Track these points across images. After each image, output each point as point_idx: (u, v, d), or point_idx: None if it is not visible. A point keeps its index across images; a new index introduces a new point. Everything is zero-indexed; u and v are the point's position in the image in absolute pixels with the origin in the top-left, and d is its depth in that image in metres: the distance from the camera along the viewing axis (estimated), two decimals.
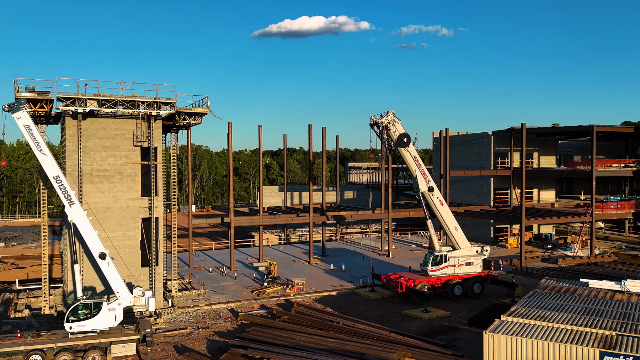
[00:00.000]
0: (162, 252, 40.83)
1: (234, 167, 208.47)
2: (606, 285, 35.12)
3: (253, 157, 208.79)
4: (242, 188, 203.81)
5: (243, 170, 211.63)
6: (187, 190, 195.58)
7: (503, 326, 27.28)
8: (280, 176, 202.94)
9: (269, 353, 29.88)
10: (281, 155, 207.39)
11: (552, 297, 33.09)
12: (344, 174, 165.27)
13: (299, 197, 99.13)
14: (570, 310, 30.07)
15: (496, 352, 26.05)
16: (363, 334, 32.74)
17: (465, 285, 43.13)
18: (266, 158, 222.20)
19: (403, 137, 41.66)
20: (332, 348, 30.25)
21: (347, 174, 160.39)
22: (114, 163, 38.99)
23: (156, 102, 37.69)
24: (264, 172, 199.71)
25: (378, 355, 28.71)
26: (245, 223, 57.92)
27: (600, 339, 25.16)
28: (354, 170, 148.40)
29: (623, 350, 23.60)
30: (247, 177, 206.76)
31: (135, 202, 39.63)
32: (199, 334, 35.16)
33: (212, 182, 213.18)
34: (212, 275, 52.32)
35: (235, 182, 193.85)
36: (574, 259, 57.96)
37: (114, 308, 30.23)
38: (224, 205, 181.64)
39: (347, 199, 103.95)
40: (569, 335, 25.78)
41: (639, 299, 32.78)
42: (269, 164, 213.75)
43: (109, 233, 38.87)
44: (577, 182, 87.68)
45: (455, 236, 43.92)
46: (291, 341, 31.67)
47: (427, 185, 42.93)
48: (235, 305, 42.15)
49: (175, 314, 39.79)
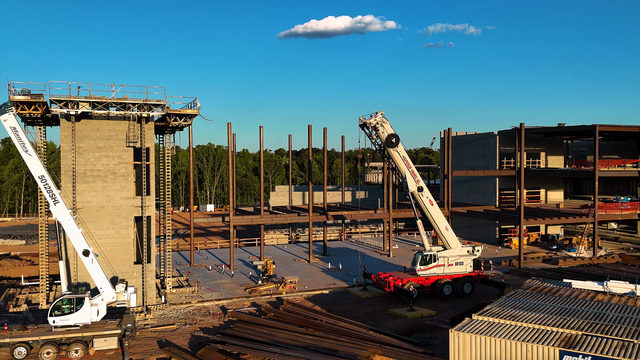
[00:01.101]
0: (154, 250, 41.87)
1: (253, 167, 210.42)
2: (589, 286, 35.01)
3: (275, 157, 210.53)
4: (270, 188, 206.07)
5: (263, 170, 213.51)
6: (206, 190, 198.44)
7: (471, 325, 27.53)
8: (299, 176, 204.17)
9: (245, 349, 30.63)
10: (301, 155, 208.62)
11: (530, 297, 33.15)
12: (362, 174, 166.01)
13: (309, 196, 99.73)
14: (545, 310, 30.14)
15: (461, 350, 26.34)
16: (341, 332, 33.24)
17: (456, 285, 43.26)
18: (285, 158, 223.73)
19: (391, 138, 41.99)
20: (308, 345, 30.84)
21: (365, 173, 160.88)
22: (107, 163, 40.16)
23: (146, 103, 38.71)
24: (283, 172, 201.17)
25: (350, 352, 29.21)
26: (245, 222, 58.82)
27: (564, 338, 25.27)
28: (372, 170, 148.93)
29: (583, 350, 23.70)
30: (267, 176, 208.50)
31: (128, 201, 40.74)
32: (185, 330, 36.07)
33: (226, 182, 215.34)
34: (210, 273, 53.32)
35: (254, 182, 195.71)
36: (575, 259, 57.46)
37: (97, 303, 31.27)
38: (244, 204, 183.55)
39: (358, 199, 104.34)
40: (534, 334, 25.93)
41: (620, 300, 32.68)
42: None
43: (103, 231, 40.12)
44: (590, 182, 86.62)
45: (446, 236, 44.07)
46: (270, 338, 32.35)
47: (417, 185, 43.18)
48: (226, 303, 42.99)
49: (167, 310, 40.79)
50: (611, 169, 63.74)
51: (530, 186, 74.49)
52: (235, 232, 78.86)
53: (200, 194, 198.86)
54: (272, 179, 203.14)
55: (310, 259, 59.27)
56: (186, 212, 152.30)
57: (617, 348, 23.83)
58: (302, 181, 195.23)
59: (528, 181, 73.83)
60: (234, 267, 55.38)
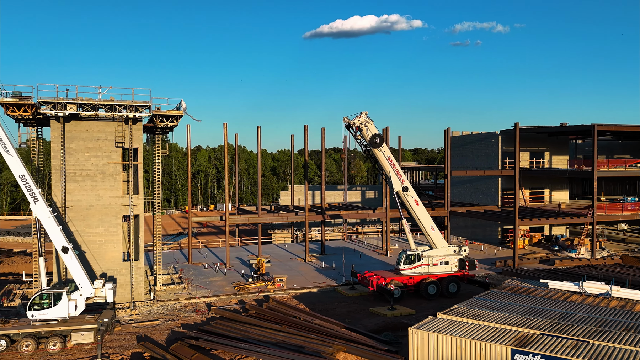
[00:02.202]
0: (142, 248, 42.89)
1: (272, 167, 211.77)
2: (565, 287, 34.88)
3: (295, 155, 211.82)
4: (279, 187, 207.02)
5: (280, 170, 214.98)
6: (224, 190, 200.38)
7: (431, 323, 27.83)
8: (317, 175, 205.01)
9: (216, 344, 31.37)
10: (318, 155, 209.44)
11: (503, 297, 33.24)
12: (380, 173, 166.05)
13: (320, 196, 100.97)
14: (512, 309, 30.24)
15: (419, 347, 26.68)
16: (314, 329, 33.74)
17: (441, 284, 43.40)
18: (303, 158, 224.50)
19: (375, 138, 42.31)
20: (278, 341, 31.44)
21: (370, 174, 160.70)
22: (96, 163, 41.31)
23: (132, 105, 39.73)
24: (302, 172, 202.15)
25: (316, 348, 29.72)
26: (240, 221, 59.69)
27: (520, 337, 25.42)
28: None
29: (534, 349, 23.84)
30: (285, 176, 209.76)
31: (117, 200, 41.83)
32: (167, 326, 36.97)
33: (251, 181, 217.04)
34: (205, 271, 54.27)
35: (273, 181, 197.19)
36: (572, 260, 56.95)
37: (75, 298, 32.33)
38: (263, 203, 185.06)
39: (368, 199, 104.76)
40: (491, 333, 26.12)
41: (594, 300, 32.56)
42: (307, 163, 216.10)
43: (92, 229, 41.29)
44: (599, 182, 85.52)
45: (432, 236, 44.23)
46: (244, 334, 33.03)
47: (402, 185, 43.43)
48: (214, 300, 43.83)
49: (154, 306, 41.79)
50: (612, 169, 62.89)
51: (534, 186, 73.89)
52: (238, 231, 79.99)
53: (219, 193, 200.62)
54: (290, 179, 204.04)
55: (306, 258, 59.85)
56: (203, 211, 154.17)
57: (569, 347, 23.92)
58: (319, 180, 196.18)
59: (531, 181, 73.32)
60: (229, 266, 56.24)
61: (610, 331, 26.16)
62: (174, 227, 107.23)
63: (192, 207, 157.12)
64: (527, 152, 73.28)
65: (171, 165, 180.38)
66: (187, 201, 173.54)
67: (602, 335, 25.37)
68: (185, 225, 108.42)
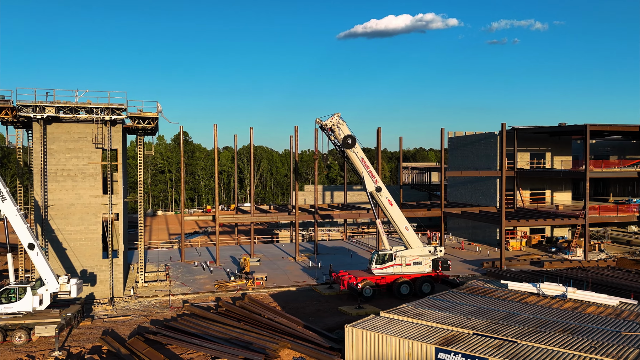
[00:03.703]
0: (122, 245, 44.32)
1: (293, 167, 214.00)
2: (524, 288, 34.81)
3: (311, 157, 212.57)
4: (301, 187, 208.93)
5: (302, 170, 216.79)
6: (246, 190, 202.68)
7: (368, 321, 28.35)
8: (340, 176, 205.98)
9: (171, 339, 32.41)
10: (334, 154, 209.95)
11: (456, 297, 33.44)
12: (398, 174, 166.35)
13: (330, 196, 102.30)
14: (458, 310, 30.43)
15: (354, 344, 27.20)
16: (273, 327, 34.48)
17: (414, 284, 43.62)
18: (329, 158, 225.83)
19: (347, 139, 42.80)
20: (231, 337, 32.29)
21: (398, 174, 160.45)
22: (77, 163, 42.90)
23: (108, 107, 41.15)
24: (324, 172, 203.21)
25: (263, 345, 30.48)
26: (230, 220, 60.85)
27: (449, 336, 25.70)
28: (405, 170, 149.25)
29: (456, 348, 24.11)
30: (307, 176, 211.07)
31: (97, 200, 43.34)
32: (136, 321, 38.20)
33: (273, 181, 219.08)
34: (194, 269, 55.52)
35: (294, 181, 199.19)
36: (562, 262, 56.26)
37: (40, 293, 33.82)
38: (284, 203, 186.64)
39: None
40: (423, 331, 26.46)
41: (550, 301, 32.46)
42: (330, 163, 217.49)
43: (73, 227, 42.90)
44: (610, 183, 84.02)
45: (406, 236, 44.46)
46: (203, 330, 33.99)
47: (375, 185, 43.81)
48: (191, 297, 44.96)
49: (132, 302, 43.14)
50: (605, 170, 61.78)
51: (535, 187, 73.07)
52: (237, 230, 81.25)
53: (241, 193, 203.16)
54: (312, 179, 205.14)
55: (296, 257, 60.62)
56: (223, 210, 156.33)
57: (492, 347, 24.11)
58: (342, 181, 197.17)
59: (532, 182, 72.53)
60: (219, 264, 57.37)
61: (544, 332, 26.22)
62: (191, 226, 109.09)
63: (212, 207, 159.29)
64: (527, 153, 72.54)
65: (194, 166, 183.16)
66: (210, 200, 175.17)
67: (532, 336, 25.45)
68: (203, 224, 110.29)
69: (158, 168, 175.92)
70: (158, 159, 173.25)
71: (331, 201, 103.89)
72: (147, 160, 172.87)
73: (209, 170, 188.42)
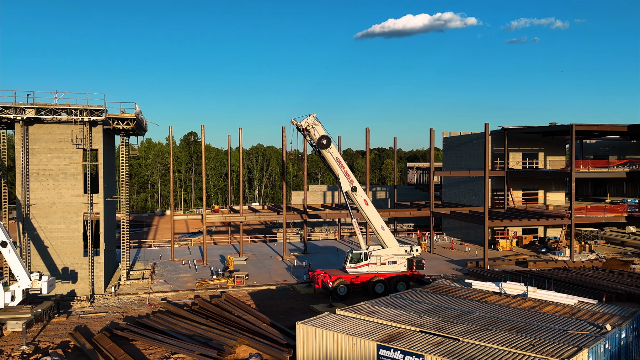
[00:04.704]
0: (102, 244, 45.28)
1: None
2: (487, 287, 35.04)
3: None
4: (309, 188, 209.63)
5: (312, 170, 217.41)
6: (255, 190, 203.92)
7: (321, 319, 28.89)
8: None
9: (137, 335, 33.22)
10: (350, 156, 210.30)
11: (418, 295, 33.80)
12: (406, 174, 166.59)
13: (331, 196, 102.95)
14: (414, 308, 30.80)
15: (305, 341, 27.72)
16: (238, 324, 35.14)
17: (389, 283, 43.97)
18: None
19: (322, 139, 43.28)
20: (194, 334, 33.03)
21: (406, 174, 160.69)
22: (58, 163, 43.96)
23: (87, 109, 42.11)
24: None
25: (222, 341, 31.17)
26: (218, 220, 61.62)
27: (393, 333, 26.12)
28: (411, 170, 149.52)
29: (396, 345, 24.52)
30: (316, 176, 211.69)
31: (78, 199, 44.36)
32: (111, 317, 39.10)
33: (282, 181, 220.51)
34: (181, 268, 56.39)
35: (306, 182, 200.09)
36: (547, 263, 56.15)
37: (13, 289, 34.83)
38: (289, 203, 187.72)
39: (379, 199, 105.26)
40: (370, 328, 26.90)
41: (510, 301, 32.67)
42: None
43: (54, 225, 43.97)
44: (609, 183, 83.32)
45: (382, 235, 44.82)
46: (170, 327, 34.76)
47: (351, 185, 44.24)
48: (171, 295, 45.79)
49: (111, 299, 44.08)
50: (592, 170, 61.40)
51: (527, 188, 72.85)
52: (230, 230, 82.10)
53: (250, 193, 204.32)
54: (322, 179, 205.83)
55: (284, 257, 61.23)
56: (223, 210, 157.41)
57: (431, 344, 24.49)
58: None
59: (524, 182, 72.34)
60: (206, 263, 58.15)
61: (491, 330, 26.54)
62: (196, 225, 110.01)
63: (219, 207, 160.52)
64: (519, 153, 72.39)
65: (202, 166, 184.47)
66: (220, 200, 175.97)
67: (477, 334, 25.78)
68: (209, 224, 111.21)
69: (167, 168, 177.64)
70: (167, 159, 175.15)
71: (332, 201, 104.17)
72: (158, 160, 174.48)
73: (218, 170, 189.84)
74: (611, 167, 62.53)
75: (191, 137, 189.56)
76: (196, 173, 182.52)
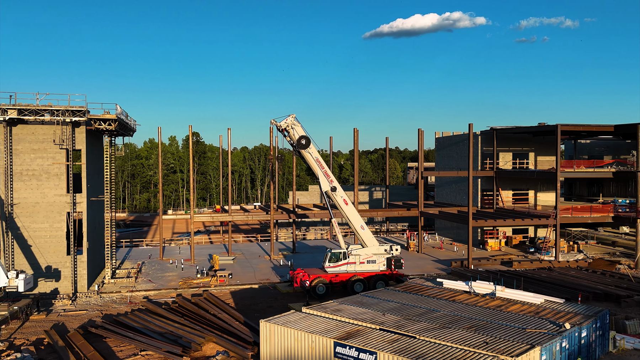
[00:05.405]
0: (85, 242, 45.87)
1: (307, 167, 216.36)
2: (457, 286, 35.30)
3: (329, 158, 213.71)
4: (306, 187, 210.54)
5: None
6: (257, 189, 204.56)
7: (285, 317, 29.27)
8: (352, 176, 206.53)
9: (109, 332, 33.74)
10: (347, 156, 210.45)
11: (387, 294, 34.12)
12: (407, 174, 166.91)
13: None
14: (381, 306, 31.12)
15: (268, 338, 28.12)
16: (211, 322, 35.60)
17: (369, 282, 44.27)
18: (341, 158, 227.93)
19: (302, 140, 43.69)
20: (166, 332, 33.49)
21: (407, 173, 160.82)
22: (42, 164, 44.58)
23: (68, 109, 42.71)
24: (336, 172, 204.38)
25: (191, 338, 31.64)
26: (206, 219, 62.13)
27: (352, 331, 26.47)
28: (411, 170, 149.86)
29: (351, 342, 24.87)
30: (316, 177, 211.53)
31: (61, 198, 44.96)
32: (90, 315, 39.65)
33: (285, 181, 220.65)
34: (169, 266, 56.92)
35: (307, 181, 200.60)
36: (532, 263, 56.23)
37: None
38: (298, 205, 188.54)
39: (375, 199, 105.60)
40: (331, 326, 27.27)
41: (477, 300, 32.93)
42: (343, 164, 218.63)
43: (38, 224, 44.61)
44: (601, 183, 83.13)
45: (362, 235, 45.14)
46: (144, 325, 35.22)
47: (330, 185, 44.61)
48: (153, 294, 46.30)
49: (94, 298, 44.66)
50: (577, 170, 61.33)
51: (517, 188, 72.87)
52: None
53: (252, 193, 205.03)
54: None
55: (271, 256, 61.66)
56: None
57: (386, 342, 24.82)
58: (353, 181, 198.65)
59: (514, 182, 72.32)
60: (194, 262, 58.65)
61: (450, 328, 26.83)
62: (197, 225, 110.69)
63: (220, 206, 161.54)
64: (509, 153, 72.45)
65: (205, 166, 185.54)
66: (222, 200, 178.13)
67: (435, 332, 26.10)
68: (208, 224, 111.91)
69: (170, 168, 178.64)
70: (170, 159, 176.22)
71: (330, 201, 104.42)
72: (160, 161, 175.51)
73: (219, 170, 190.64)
74: (597, 167, 62.39)
75: (194, 138, 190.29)
76: (198, 173, 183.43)
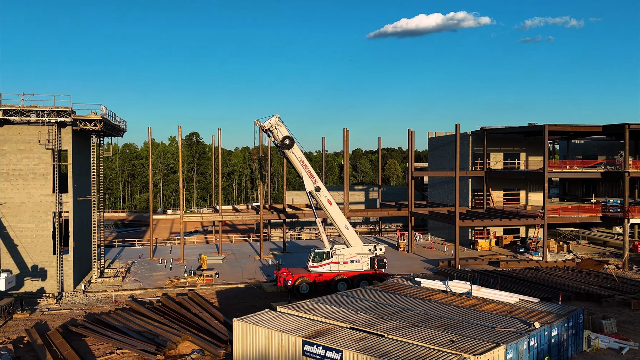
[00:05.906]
0: (72, 242, 46.23)
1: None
2: (435, 286, 35.49)
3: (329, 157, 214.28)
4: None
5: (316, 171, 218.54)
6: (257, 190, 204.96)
7: (258, 315, 29.54)
8: (352, 176, 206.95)
9: (88, 331, 34.07)
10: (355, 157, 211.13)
11: (364, 293, 34.34)
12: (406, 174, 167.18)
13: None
14: (355, 305, 31.33)
15: (241, 337, 28.38)
16: (191, 321, 35.90)
17: (352, 282, 44.49)
18: (341, 158, 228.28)
19: (285, 140, 43.94)
20: (144, 330, 33.80)
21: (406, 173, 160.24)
22: (28, 164, 44.96)
23: (53, 110, 43.07)
24: (337, 173, 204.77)
25: (168, 337, 31.97)
26: (195, 219, 62.45)
27: (322, 329, 26.71)
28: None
29: (319, 340, 25.10)
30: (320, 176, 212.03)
31: (48, 198, 45.32)
32: (72, 314, 39.98)
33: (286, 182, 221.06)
34: (158, 266, 57.25)
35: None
36: (519, 262, 56.35)
37: None
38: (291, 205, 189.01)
39: (371, 199, 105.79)
40: (302, 325, 27.50)
41: (453, 299, 33.11)
42: (342, 164, 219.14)
43: (24, 224, 44.98)
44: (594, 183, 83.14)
45: (346, 234, 45.36)
46: (124, 324, 35.53)
47: (314, 185, 44.85)
48: (139, 293, 46.61)
49: (80, 297, 45.00)
50: (565, 170, 61.32)
51: (508, 188, 72.95)
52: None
53: (251, 193, 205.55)
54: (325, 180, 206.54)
55: (261, 256, 61.94)
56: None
57: (353, 340, 25.04)
58: (355, 181, 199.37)
59: (504, 183, 72.40)
60: (183, 262, 58.94)
61: (420, 327, 27.04)
62: (194, 225, 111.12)
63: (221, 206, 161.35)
64: (500, 153, 72.54)
65: (206, 166, 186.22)
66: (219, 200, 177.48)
67: (404, 330, 26.32)
68: (206, 223, 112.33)
69: (170, 168, 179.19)
70: (170, 159, 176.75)
71: None
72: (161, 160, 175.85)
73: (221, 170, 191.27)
74: (586, 167, 62.46)
75: (193, 138, 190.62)
76: (198, 173, 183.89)
